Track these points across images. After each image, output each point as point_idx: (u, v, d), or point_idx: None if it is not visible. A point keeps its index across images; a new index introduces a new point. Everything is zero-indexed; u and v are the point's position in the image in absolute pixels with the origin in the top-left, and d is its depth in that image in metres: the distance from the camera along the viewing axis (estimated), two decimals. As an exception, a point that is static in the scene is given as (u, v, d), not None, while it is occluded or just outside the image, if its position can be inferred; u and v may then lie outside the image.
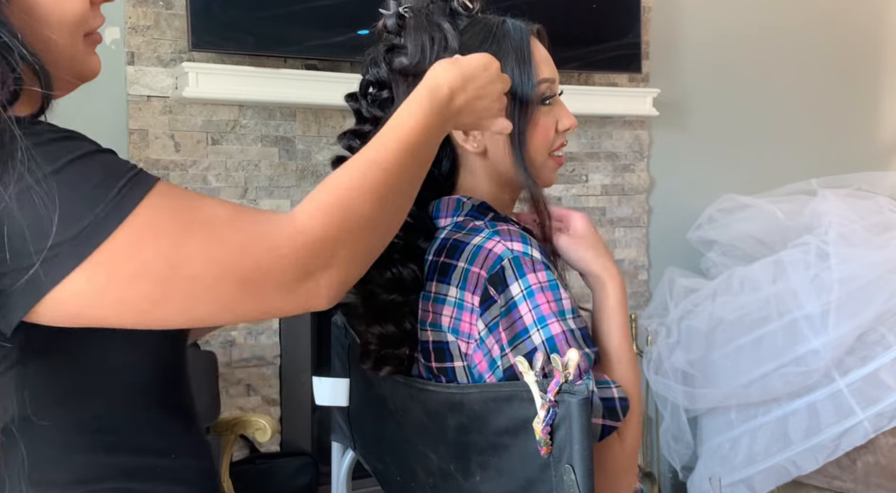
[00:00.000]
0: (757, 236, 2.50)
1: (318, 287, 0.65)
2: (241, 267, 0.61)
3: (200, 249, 0.60)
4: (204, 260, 0.60)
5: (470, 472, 0.83)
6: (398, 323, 0.90)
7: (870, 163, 3.05)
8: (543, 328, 0.79)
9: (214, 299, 0.62)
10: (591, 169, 2.62)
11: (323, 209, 0.65)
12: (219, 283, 0.61)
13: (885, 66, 3.16)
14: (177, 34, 2.00)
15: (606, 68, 2.51)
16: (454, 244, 0.88)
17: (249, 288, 0.62)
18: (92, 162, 0.60)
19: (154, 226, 0.60)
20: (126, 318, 0.61)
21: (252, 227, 0.63)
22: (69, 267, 0.57)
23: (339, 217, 0.65)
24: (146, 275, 0.59)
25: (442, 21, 0.90)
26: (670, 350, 2.41)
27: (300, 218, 0.65)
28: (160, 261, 0.59)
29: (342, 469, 1.22)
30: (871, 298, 2.09)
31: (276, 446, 2.18)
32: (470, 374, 0.85)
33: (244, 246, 0.62)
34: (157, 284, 0.60)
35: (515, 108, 0.91)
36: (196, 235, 0.61)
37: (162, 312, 0.61)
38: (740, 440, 2.22)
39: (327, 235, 0.64)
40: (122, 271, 0.59)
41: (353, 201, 0.67)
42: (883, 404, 2.00)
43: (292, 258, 0.63)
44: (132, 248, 0.59)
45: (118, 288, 0.59)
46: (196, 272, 0.60)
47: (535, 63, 0.92)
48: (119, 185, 0.59)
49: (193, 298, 0.61)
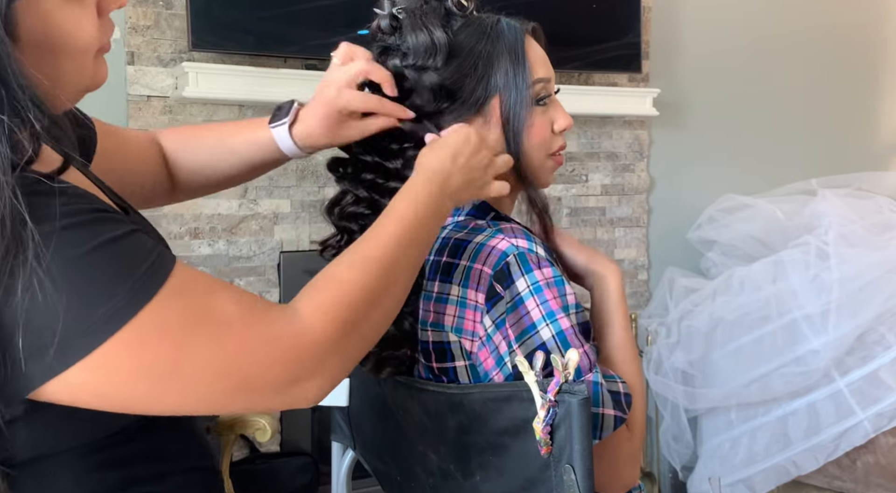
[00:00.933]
0: (757, 236, 2.50)
1: (306, 391, 0.67)
2: (241, 372, 0.63)
3: (204, 351, 0.61)
4: (206, 363, 0.61)
5: (470, 472, 0.83)
6: (398, 325, 0.90)
7: (870, 163, 3.05)
8: (553, 323, 0.79)
9: (211, 396, 0.63)
10: (591, 169, 2.62)
11: (324, 310, 0.67)
12: (216, 384, 0.62)
13: (885, 66, 3.17)
14: (177, 34, 2.01)
15: (606, 68, 2.51)
16: (456, 243, 0.88)
17: (245, 391, 0.64)
18: (111, 250, 0.59)
19: (161, 326, 0.60)
20: (124, 410, 0.62)
21: (257, 332, 0.64)
22: (74, 359, 0.57)
23: (342, 318, 0.67)
24: (147, 374, 0.60)
25: (436, 21, 0.90)
26: (670, 350, 2.41)
27: (307, 319, 0.66)
28: (162, 361, 0.60)
29: (342, 469, 1.22)
30: (871, 298, 2.09)
31: (276, 446, 2.18)
32: (475, 372, 0.85)
33: (248, 352, 0.63)
34: (157, 382, 0.60)
35: (510, 109, 0.91)
36: (202, 336, 0.61)
37: (157, 406, 0.63)
38: (740, 440, 2.22)
39: (326, 338, 0.66)
40: (123, 369, 0.59)
41: (355, 298, 0.68)
42: (883, 404, 2.00)
43: (292, 365, 0.65)
44: (137, 347, 0.59)
45: (118, 384, 0.59)
46: (195, 373, 0.61)
47: (530, 63, 0.91)
48: (133, 278, 0.59)
49: (190, 395, 0.62)
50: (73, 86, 0.66)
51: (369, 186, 0.90)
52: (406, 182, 0.81)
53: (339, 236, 0.95)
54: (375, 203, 0.90)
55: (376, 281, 0.71)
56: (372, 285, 0.70)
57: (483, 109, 0.91)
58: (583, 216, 2.61)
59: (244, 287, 2.11)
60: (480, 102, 0.91)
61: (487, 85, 0.90)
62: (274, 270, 2.15)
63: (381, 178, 0.90)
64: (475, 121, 0.92)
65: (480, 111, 0.91)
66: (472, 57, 0.89)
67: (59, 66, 0.63)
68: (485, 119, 0.92)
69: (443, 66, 0.88)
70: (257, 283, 2.13)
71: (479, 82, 0.90)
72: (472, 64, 0.89)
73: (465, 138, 0.84)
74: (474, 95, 0.90)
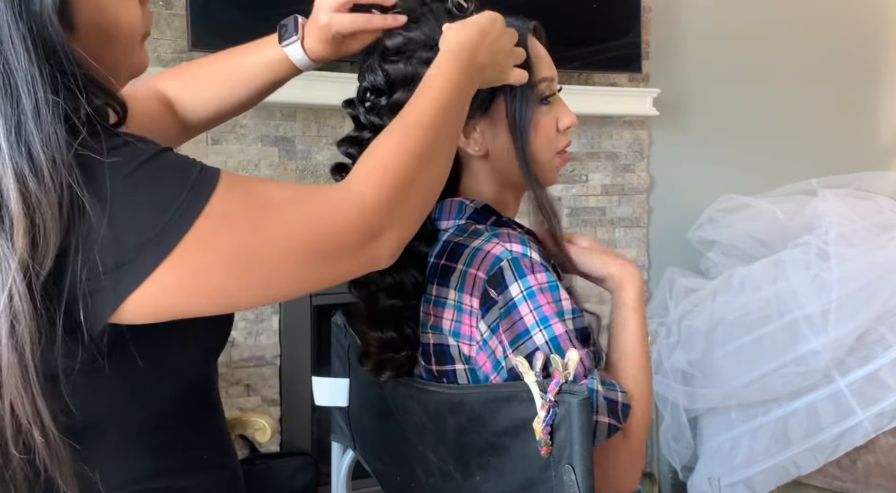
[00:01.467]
0: (757, 236, 2.50)
1: (379, 248, 0.69)
2: (313, 243, 0.65)
3: (274, 231, 0.64)
4: (279, 242, 0.64)
5: (470, 472, 0.83)
6: (399, 328, 0.90)
7: (870, 163, 3.05)
8: (546, 329, 0.78)
9: (292, 276, 0.66)
10: (591, 169, 2.62)
11: (372, 174, 0.70)
12: (294, 260, 0.65)
13: (885, 66, 3.16)
14: (177, 34, 2.00)
15: (606, 68, 2.51)
16: (455, 248, 0.88)
17: (322, 260, 0.66)
18: (161, 161, 0.63)
19: (228, 216, 0.63)
20: (212, 306, 0.65)
21: (316, 204, 0.67)
22: (154, 263, 0.60)
23: (390, 179, 0.70)
24: (227, 263, 0.62)
25: (437, 22, 0.90)
26: (670, 350, 2.41)
27: (355, 187, 0.69)
28: (238, 248, 0.63)
29: (342, 469, 1.22)
30: (871, 298, 2.09)
31: (276, 446, 2.18)
32: (474, 376, 0.84)
33: (313, 224, 0.66)
34: (238, 270, 0.63)
35: (515, 108, 0.90)
36: (268, 219, 0.64)
37: (244, 295, 0.65)
38: (740, 440, 2.22)
39: (381, 197, 0.68)
40: (203, 262, 0.62)
41: (400, 162, 0.71)
42: (883, 404, 2.00)
43: (356, 225, 0.67)
44: (211, 239, 0.62)
45: (202, 278, 0.62)
46: (273, 254, 0.64)
47: (534, 62, 0.91)
48: (191, 180, 0.63)
49: (272, 277, 0.65)
50: (124, 71, 0.72)
51: None
52: (435, 59, 0.82)
53: None
54: None
55: (418, 145, 0.73)
56: (415, 148, 0.72)
57: (488, 110, 0.91)
58: (583, 216, 2.61)
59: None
60: (485, 103, 0.91)
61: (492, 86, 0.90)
62: (274, 270, 2.15)
63: None
64: (481, 121, 0.92)
65: (486, 111, 0.91)
66: None
67: (112, 52, 0.68)
68: (490, 119, 0.92)
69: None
70: (257, 283, 2.13)
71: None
72: None
73: (491, 19, 0.85)
74: (479, 97, 0.89)
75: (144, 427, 0.73)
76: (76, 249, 0.59)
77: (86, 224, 0.59)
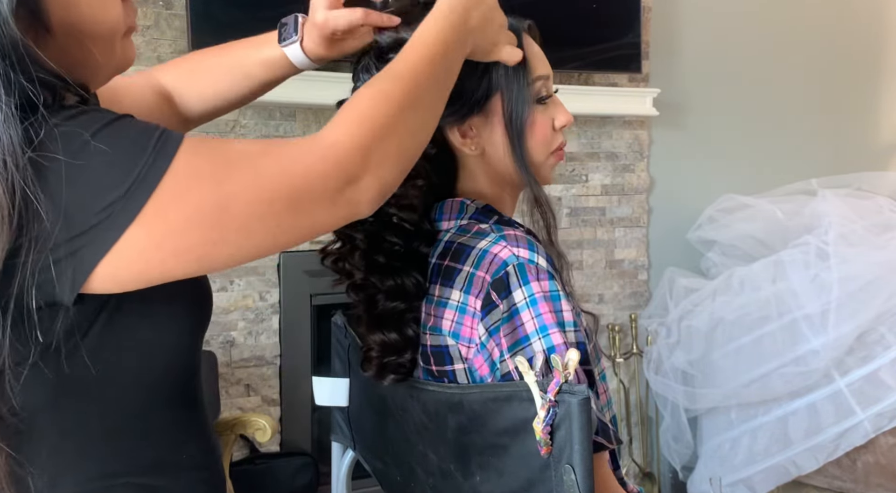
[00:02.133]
0: (757, 236, 2.50)
1: (357, 194, 0.68)
2: (285, 191, 0.64)
3: (243, 182, 0.63)
4: (249, 192, 0.63)
5: (470, 472, 0.83)
6: (400, 330, 0.89)
7: (870, 163, 3.05)
8: (545, 337, 0.78)
9: (267, 228, 0.64)
10: (591, 169, 2.62)
11: (347, 121, 0.68)
12: (267, 210, 0.64)
13: (885, 66, 3.16)
14: (177, 34, 2.01)
15: (606, 68, 2.51)
16: (459, 248, 0.87)
17: (296, 209, 0.65)
18: (122, 124, 0.63)
19: (195, 170, 0.62)
20: (189, 266, 0.63)
21: (285, 153, 0.66)
22: (125, 223, 0.59)
23: (364, 125, 0.68)
24: (199, 218, 0.62)
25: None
26: (670, 350, 2.41)
27: (327, 134, 0.68)
28: (209, 202, 0.62)
29: (342, 469, 1.22)
30: (871, 298, 2.09)
31: (276, 446, 2.18)
32: (472, 377, 0.84)
33: (283, 171, 0.64)
34: (211, 224, 0.62)
35: (511, 107, 0.90)
36: (235, 170, 0.63)
37: (221, 251, 0.64)
38: (740, 440, 2.22)
39: (354, 141, 0.67)
40: (175, 219, 0.61)
41: (375, 109, 0.69)
42: (883, 404, 2.00)
43: (329, 171, 0.65)
44: (180, 194, 0.61)
45: (175, 236, 0.61)
46: (244, 205, 0.63)
47: (529, 60, 0.91)
48: (154, 139, 0.62)
49: (247, 230, 0.63)
50: (105, 68, 0.71)
51: None
52: (427, 16, 0.80)
53: (339, 244, 0.95)
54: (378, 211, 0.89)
55: (399, 92, 0.71)
56: (394, 94, 0.71)
57: (484, 109, 0.91)
58: (583, 216, 2.61)
59: (244, 287, 2.11)
60: (481, 102, 0.91)
61: (489, 84, 0.90)
62: (274, 270, 2.15)
63: None
64: (477, 120, 0.92)
65: (482, 110, 0.91)
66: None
67: (93, 50, 0.67)
68: (486, 118, 0.92)
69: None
70: (257, 283, 2.13)
71: (479, 82, 0.90)
72: (472, 65, 0.89)
73: None
74: (475, 95, 0.90)
75: (109, 419, 0.71)
76: (31, 241, 0.59)
77: (38, 221, 0.58)
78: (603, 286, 2.64)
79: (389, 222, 0.89)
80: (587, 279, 2.60)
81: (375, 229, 0.90)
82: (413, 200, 0.89)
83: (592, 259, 2.63)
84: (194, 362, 0.81)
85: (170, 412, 0.76)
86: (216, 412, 1.91)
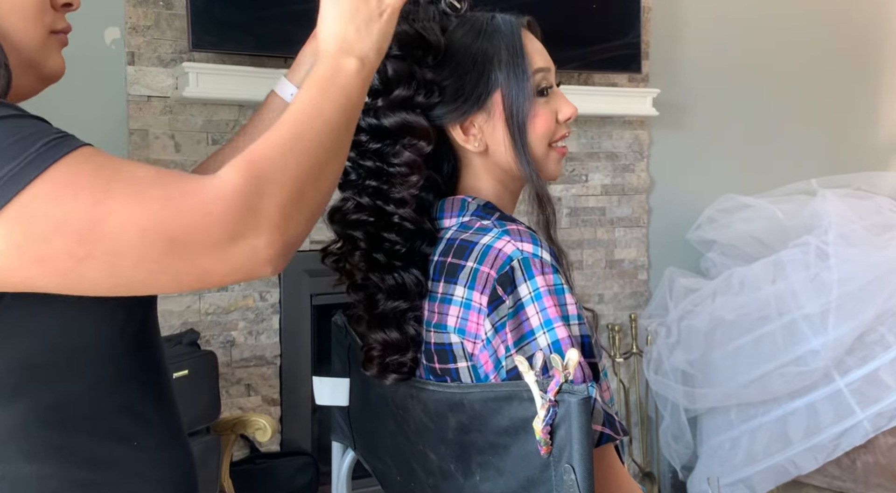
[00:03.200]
0: (757, 236, 2.50)
1: (255, 249, 0.62)
2: (164, 224, 0.60)
3: (120, 205, 0.59)
4: (124, 216, 0.59)
5: (470, 472, 0.83)
6: (402, 329, 0.89)
7: (870, 163, 3.05)
8: (549, 332, 0.78)
9: (142, 259, 0.60)
10: (591, 169, 2.62)
11: (239, 164, 0.64)
12: (143, 240, 0.60)
13: (886, 65, 3.17)
14: (177, 34, 2.01)
15: (606, 68, 2.51)
16: (462, 245, 0.87)
17: (177, 247, 0.60)
18: (18, 122, 0.61)
19: (72, 182, 0.59)
20: (51, 278, 0.61)
21: (174, 185, 0.62)
22: None
23: (256, 167, 0.63)
24: (64, 231, 0.58)
25: (430, 22, 0.89)
26: (670, 350, 2.41)
27: (221, 175, 0.63)
28: (78, 216, 0.58)
29: (342, 469, 1.22)
30: (871, 298, 2.09)
31: (276, 446, 2.18)
32: (475, 374, 0.85)
33: (166, 203, 0.60)
34: (77, 240, 0.59)
35: (512, 101, 0.91)
36: (116, 192, 0.60)
37: (91, 270, 0.60)
38: (740, 440, 2.22)
39: (247, 183, 0.62)
40: (39, 227, 0.58)
41: (266, 153, 0.65)
42: (883, 404, 2.01)
43: (218, 214, 0.61)
44: (49, 202, 0.58)
45: (37, 245, 0.58)
46: (117, 228, 0.59)
47: (528, 54, 0.92)
48: (42, 142, 0.60)
49: (117, 256, 0.60)
50: (26, 62, 0.71)
51: (372, 193, 0.90)
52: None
53: (340, 243, 0.95)
54: (379, 210, 0.89)
55: (288, 132, 0.67)
56: (283, 137, 0.66)
57: (486, 105, 0.91)
58: (583, 216, 2.61)
59: (245, 287, 2.11)
60: (482, 99, 0.91)
61: (488, 81, 0.90)
62: (274, 270, 2.15)
63: (384, 184, 0.89)
64: (479, 117, 0.92)
65: (483, 107, 0.91)
66: (470, 55, 0.90)
67: (5, 30, 0.68)
68: (488, 114, 0.92)
69: (434, 64, 0.89)
70: (257, 283, 2.13)
71: (479, 79, 0.90)
72: (471, 62, 0.90)
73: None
74: (476, 92, 0.90)
75: (41, 404, 0.69)
76: None
77: None
78: (603, 286, 2.64)
79: (390, 222, 0.89)
80: (587, 279, 2.61)
81: (376, 229, 0.90)
82: (404, 194, 0.88)
83: (592, 259, 2.63)
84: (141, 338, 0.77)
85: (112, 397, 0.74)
86: (216, 412, 1.91)
